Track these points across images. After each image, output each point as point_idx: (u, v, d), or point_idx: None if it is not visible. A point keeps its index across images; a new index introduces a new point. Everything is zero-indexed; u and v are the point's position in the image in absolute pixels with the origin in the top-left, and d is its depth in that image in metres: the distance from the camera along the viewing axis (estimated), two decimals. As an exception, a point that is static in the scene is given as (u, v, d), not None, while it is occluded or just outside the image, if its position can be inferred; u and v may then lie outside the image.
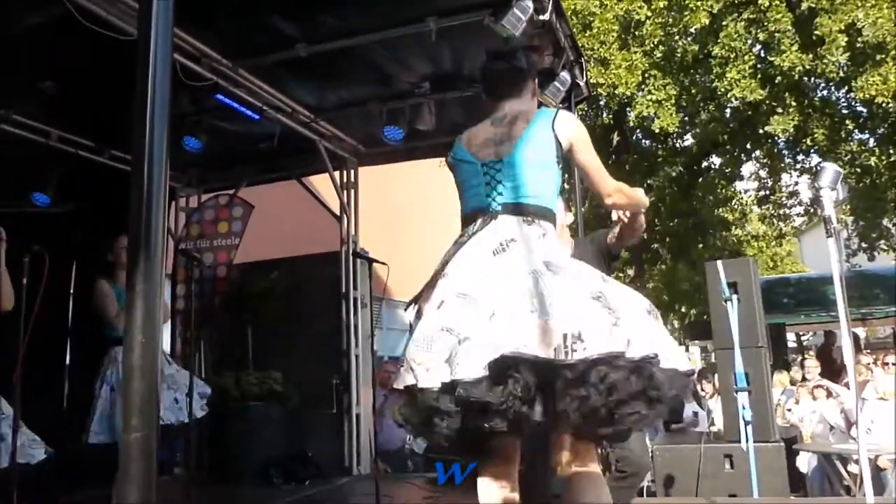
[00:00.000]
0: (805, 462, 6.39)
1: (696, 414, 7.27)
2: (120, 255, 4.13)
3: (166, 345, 7.25)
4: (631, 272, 13.48)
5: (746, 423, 5.05)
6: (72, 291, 7.17)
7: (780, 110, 8.42)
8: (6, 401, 3.20)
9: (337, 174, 6.99)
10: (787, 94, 8.48)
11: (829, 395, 6.76)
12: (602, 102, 10.84)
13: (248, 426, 6.18)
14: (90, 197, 7.03)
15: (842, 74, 8.24)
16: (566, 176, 3.46)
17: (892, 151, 8.79)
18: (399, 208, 16.65)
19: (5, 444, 3.04)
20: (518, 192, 2.22)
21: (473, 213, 2.27)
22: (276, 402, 6.31)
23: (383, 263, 4.90)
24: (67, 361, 7.09)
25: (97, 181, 6.57)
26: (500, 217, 2.19)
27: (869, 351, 8.28)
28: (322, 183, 7.59)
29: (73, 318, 7.17)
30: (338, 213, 7.08)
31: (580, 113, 10.63)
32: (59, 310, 7.05)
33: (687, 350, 21.23)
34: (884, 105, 8.12)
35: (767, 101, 8.56)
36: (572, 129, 2.31)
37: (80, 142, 6.13)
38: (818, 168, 3.49)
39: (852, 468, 5.90)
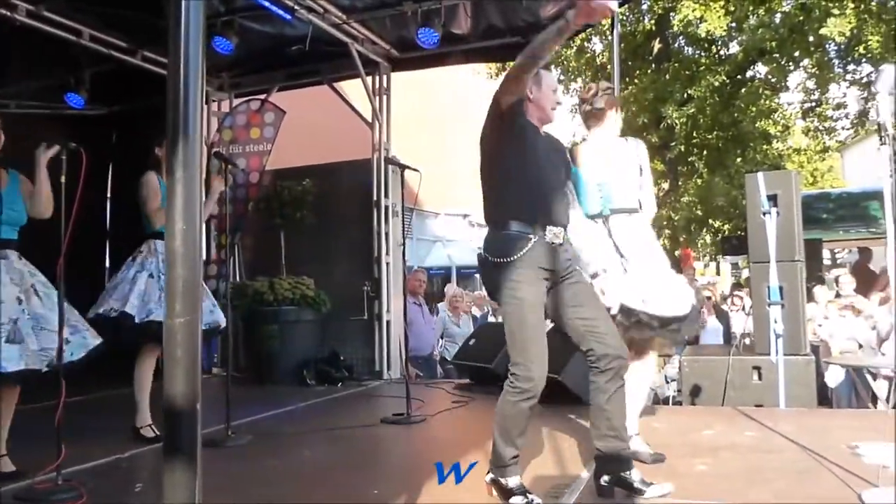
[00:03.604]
0: (833, 377, 6.40)
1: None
2: None
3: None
4: (665, 185, 13.25)
5: (777, 336, 5.04)
6: (108, 195, 7.28)
7: (836, 12, 7.94)
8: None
9: (369, 80, 6.85)
10: (844, -4, 8.01)
11: (858, 313, 6.70)
12: (645, 7, 10.38)
13: (282, 329, 6.34)
14: (125, 99, 7.03)
15: (903, -24, 7.72)
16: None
17: (951, 61, 8.32)
18: (427, 117, 16.43)
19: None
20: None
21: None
22: (308, 307, 6.44)
23: (415, 170, 4.84)
24: (107, 264, 7.28)
25: (132, 83, 6.54)
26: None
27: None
28: (354, 89, 7.46)
29: (112, 221, 7.32)
30: (370, 119, 6.98)
31: (620, 18, 10.21)
32: (97, 213, 7.20)
33: (718, 266, 21.10)
34: (946, 10, 7.65)
35: (822, 3, 8.09)
36: None
37: (113, 42, 6.04)
38: (875, 73, 3.31)
39: (881, 383, 5.93)
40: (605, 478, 2.79)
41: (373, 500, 2.93)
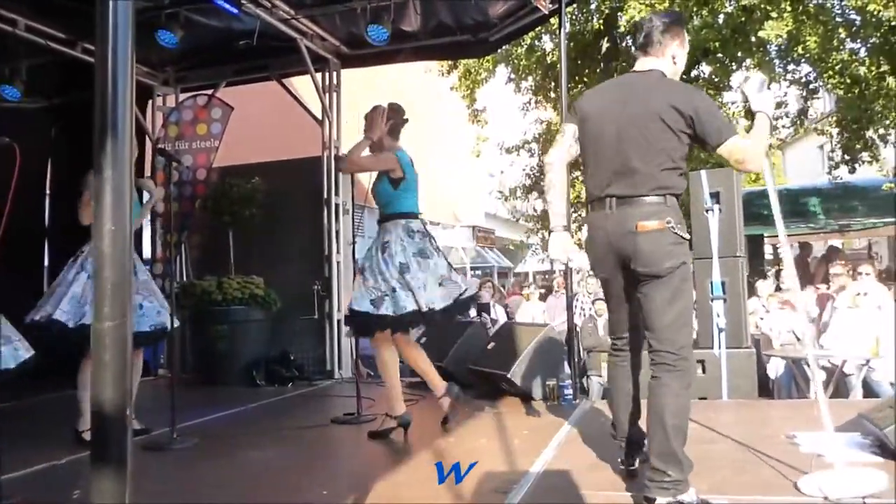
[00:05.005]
0: (774, 369, 6.60)
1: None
2: None
3: (146, 249, 7.23)
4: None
5: (720, 331, 5.17)
6: (47, 192, 7.04)
7: (774, 15, 8.20)
8: None
9: (319, 76, 6.78)
10: (782, -1, 8.28)
11: (793, 308, 6.92)
12: (593, 6, 10.51)
13: (231, 329, 6.24)
14: (65, 92, 6.80)
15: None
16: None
17: (881, 61, 8.65)
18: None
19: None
20: None
21: None
22: (258, 306, 6.35)
23: (365, 168, 4.80)
24: (46, 264, 7.06)
25: (72, 76, 6.34)
26: None
27: (844, 262, 8.44)
28: (304, 87, 7.38)
29: (51, 218, 7.07)
30: (319, 116, 6.90)
31: (569, 17, 10.31)
32: (35, 211, 6.96)
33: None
34: (876, 13, 7.93)
35: (762, 6, 8.32)
36: None
37: (50, 33, 5.84)
38: (813, 73, 3.43)
39: (819, 374, 6.13)
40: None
41: (321, 501, 2.91)
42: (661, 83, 2.73)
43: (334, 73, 6.91)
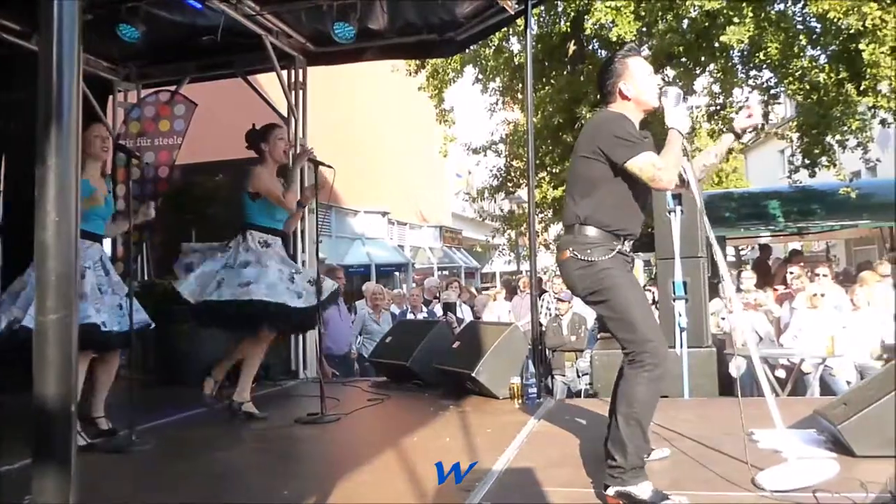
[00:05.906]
0: (735, 368, 6.70)
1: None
2: (92, 143, 3.92)
3: (107, 247, 7.07)
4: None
5: (682, 330, 5.24)
6: (1, 188, 6.85)
7: (736, 20, 8.34)
8: None
9: (284, 73, 6.71)
10: (744, 5, 8.40)
11: (758, 307, 7.05)
12: (560, 9, 10.57)
13: (193, 329, 6.12)
14: (21, 86, 6.62)
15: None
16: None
17: (840, 69, 8.84)
18: (347, 113, 16.28)
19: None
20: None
21: None
22: (221, 305, 6.24)
23: (329, 167, 4.79)
24: None
25: (27, 69, 6.16)
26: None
27: (802, 263, 8.62)
28: (270, 84, 7.29)
29: (5, 215, 6.88)
30: (285, 114, 6.83)
31: (536, 18, 10.36)
32: (-11, 207, 6.77)
33: (632, 262, 21.74)
34: (836, 21, 8.11)
35: (725, 11, 8.46)
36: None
37: (3, 24, 5.69)
38: (774, 79, 3.50)
39: (779, 372, 6.26)
40: None
41: (283, 501, 2.87)
42: (590, 121, 3.04)
43: (300, 71, 6.84)
